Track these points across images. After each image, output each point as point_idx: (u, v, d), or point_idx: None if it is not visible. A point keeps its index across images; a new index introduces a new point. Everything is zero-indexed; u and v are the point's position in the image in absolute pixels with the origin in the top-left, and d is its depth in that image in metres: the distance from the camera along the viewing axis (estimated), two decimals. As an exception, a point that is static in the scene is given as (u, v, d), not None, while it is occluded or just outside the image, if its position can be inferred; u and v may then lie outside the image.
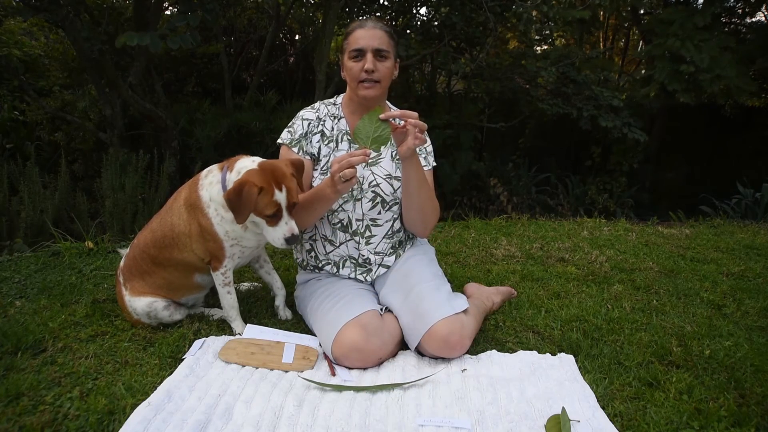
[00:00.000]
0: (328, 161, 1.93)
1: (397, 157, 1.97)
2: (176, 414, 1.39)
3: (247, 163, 1.73)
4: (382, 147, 1.69)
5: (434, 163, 2.09)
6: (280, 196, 1.66)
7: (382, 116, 1.67)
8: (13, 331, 1.78)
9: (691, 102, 6.34)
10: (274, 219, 1.69)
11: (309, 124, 1.95)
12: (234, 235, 1.80)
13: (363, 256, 1.96)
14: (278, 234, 1.69)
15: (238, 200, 1.62)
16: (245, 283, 2.36)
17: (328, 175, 1.88)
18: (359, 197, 1.91)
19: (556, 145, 8.32)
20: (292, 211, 1.72)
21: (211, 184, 1.79)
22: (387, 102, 2.03)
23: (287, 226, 1.70)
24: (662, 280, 2.52)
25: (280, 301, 2.06)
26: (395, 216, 1.98)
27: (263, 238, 1.87)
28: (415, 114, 1.68)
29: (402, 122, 1.69)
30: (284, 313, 2.05)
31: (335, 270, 1.99)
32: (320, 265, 2.01)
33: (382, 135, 1.67)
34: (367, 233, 1.94)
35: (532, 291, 2.35)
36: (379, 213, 1.93)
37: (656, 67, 6.45)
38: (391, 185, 1.93)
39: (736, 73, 6.18)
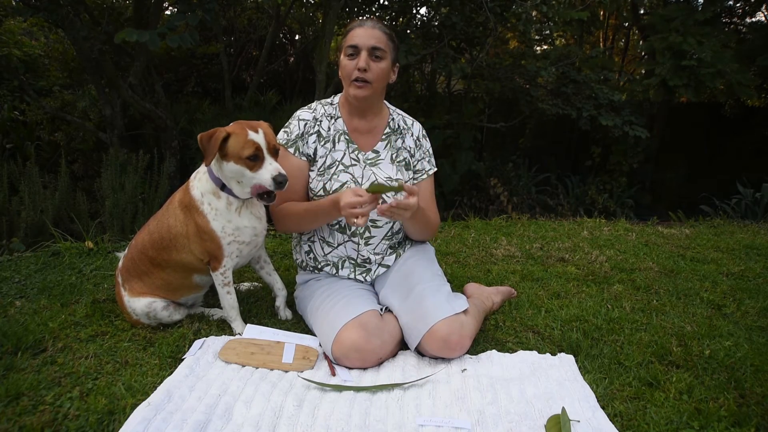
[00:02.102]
0: (324, 162, 1.92)
1: (398, 159, 1.97)
2: (176, 414, 1.39)
3: None
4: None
5: (435, 168, 2.09)
6: (257, 137, 1.67)
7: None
8: (13, 331, 1.78)
9: (693, 99, 6.34)
10: (256, 162, 1.68)
11: (305, 124, 1.94)
12: (230, 229, 1.80)
13: (362, 256, 1.96)
14: (264, 176, 1.67)
15: (207, 142, 1.67)
16: (245, 283, 2.36)
17: (325, 176, 1.89)
18: None
19: (556, 145, 8.32)
20: (275, 156, 1.72)
21: (200, 180, 1.81)
22: (385, 102, 2.03)
23: (272, 166, 1.68)
24: (662, 280, 2.52)
25: (280, 301, 2.06)
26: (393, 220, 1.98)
27: (260, 231, 1.88)
28: (410, 206, 1.65)
29: (402, 195, 1.69)
30: (284, 314, 2.05)
31: (334, 271, 1.98)
32: (319, 266, 2.01)
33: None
34: (366, 234, 1.94)
35: (532, 291, 2.35)
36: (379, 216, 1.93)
37: (658, 63, 6.46)
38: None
39: (737, 68, 6.18)
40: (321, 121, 1.95)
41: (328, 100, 2.02)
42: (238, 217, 1.81)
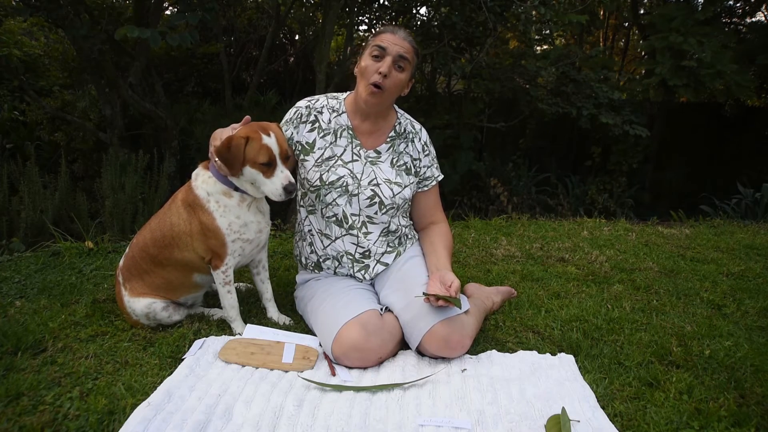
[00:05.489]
0: (323, 154, 1.92)
1: (398, 164, 1.97)
2: (176, 414, 1.39)
3: None
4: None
5: (442, 175, 2.09)
6: (270, 141, 1.70)
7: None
8: (13, 331, 1.78)
9: (692, 99, 6.34)
10: (269, 169, 1.71)
11: (296, 111, 1.97)
12: (237, 226, 1.81)
13: (362, 247, 1.96)
14: (276, 184, 1.71)
15: (228, 153, 1.68)
16: (242, 283, 2.36)
17: (323, 167, 1.90)
18: (356, 193, 1.90)
19: (556, 145, 8.32)
20: (286, 161, 1.75)
21: (205, 181, 1.81)
22: (394, 106, 2.03)
23: (283, 174, 1.72)
24: (662, 280, 2.52)
25: (273, 312, 2.05)
26: (391, 219, 1.97)
27: (264, 227, 1.89)
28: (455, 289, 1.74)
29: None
30: (281, 319, 2.03)
31: (335, 265, 1.98)
32: (320, 260, 2.01)
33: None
34: (364, 229, 1.94)
35: (532, 291, 2.35)
36: (376, 213, 1.93)
37: (657, 63, 6.46)
38: (391, 190, 1.92)
39: (736, 69, 6.19)
40: (321, 112, 1.96)
41: (335, 94, 2.03)
42: (247, 212, 1.83)
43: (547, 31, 6.89)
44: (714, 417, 1.43)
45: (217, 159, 1.73)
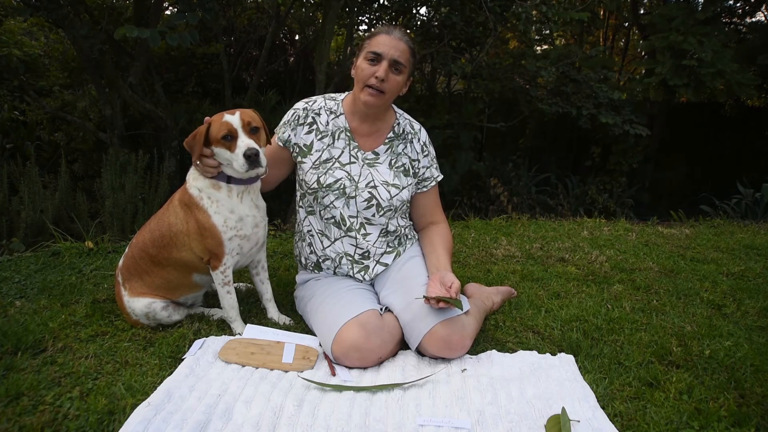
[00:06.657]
0: (320, 156, 1.93)
1: (396, 165, 1.97)
2: (176, 414, 1.39)
3: None
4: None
5: (441, 175, 2.09)
6: (231, 117, 1.71)
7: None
8: (13, 331, 1.78)
9: (693, 99, 6.33)
10: (232, 143, 1.71)
11: (293, 113, 1.98)
12: (232, 222, 1.81)
13: (361, 248, 1.96)
14: (238, 155, 1.69)
15: (192, 139, 1.74)
16: (242, 284, 2.36)
17: (320, 170, 1.90)
18: (353, 195, 1.90)
19: (556, 145, 8.31)
20: (252, 134, 1.73)
21: (195, 178, 1.83)
22: (393, 106, 2.03)
23: (243, 143, 1.70)
24: (662, 280, 2.52)
25: (273, 312, 2.05)
26: (389, 221, 1.97)
27: (260, 221, 1.90)
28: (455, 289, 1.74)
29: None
30: (281, 319, 2.03)
31: (334, 266, 1.98)
32: (319, 260, 2.01)
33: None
34: (363, 231, 1.94)
35: (532, 291, 2.35)
36: (374, 215, 1.93)
37: (658, 62, 6.46)
38: (389, 192, 1.93)
39: (737, 68, 6.19)
40: (319, 114, 1.96)
41: (333, 95, 2.03)
42: (240, 204, 1.83)
43: (547, 31, 6.89)
44: (714, 417, 1.43)
45: (196, 163, 1.78)
